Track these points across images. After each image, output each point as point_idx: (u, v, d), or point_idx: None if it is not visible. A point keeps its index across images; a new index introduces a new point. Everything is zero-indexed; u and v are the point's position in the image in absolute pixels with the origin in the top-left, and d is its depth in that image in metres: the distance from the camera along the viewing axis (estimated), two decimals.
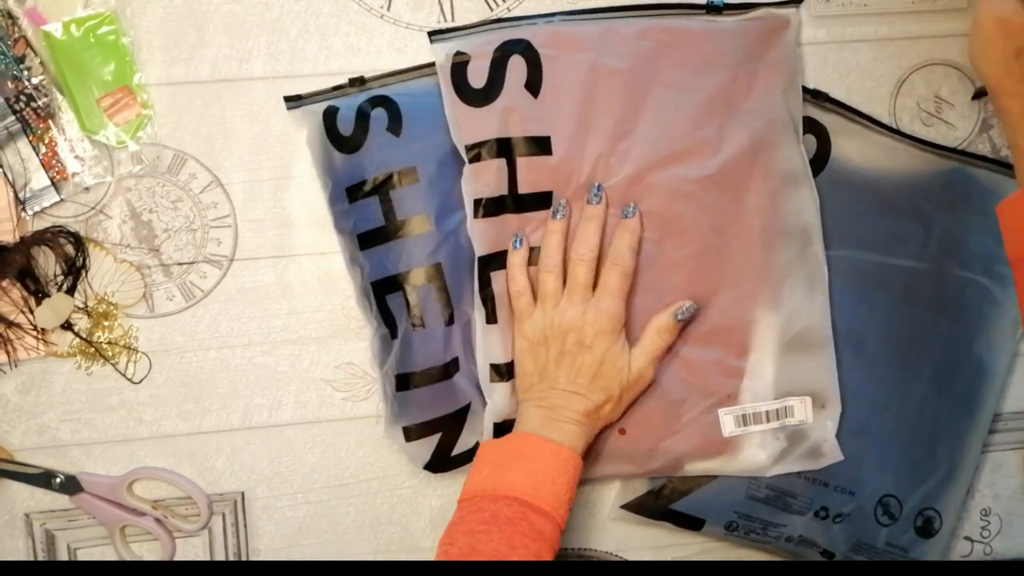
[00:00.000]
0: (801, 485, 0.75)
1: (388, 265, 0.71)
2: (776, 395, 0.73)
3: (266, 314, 0.76)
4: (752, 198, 0.72)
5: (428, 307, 0.71)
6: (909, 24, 0.78)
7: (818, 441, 0.74)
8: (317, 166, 0.73)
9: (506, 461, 0.67)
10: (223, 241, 0.75)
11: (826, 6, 0.77)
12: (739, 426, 0.73)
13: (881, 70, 0.78)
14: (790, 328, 0.73)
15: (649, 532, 0.80)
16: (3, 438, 0.74)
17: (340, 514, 0.78)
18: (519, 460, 0.67)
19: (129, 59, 0.72)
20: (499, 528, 0.64)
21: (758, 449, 0.74)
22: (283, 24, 0.74)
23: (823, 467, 0.74)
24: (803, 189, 0.73)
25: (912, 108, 0.79)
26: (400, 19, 0.74)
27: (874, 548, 0.77)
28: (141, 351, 0.75)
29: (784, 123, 0.72)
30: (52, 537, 0.75)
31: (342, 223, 0.73)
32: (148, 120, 0.73)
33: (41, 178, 0.72)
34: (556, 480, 0.66)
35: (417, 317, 0.71)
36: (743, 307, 0.73)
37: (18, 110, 0.71)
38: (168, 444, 0.76)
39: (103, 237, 0.74)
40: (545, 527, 0.65)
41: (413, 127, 0.71)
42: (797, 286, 0.73)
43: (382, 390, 0.75)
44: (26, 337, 0.73)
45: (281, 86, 0.74)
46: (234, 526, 0.77)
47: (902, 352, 0.75)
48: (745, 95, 0.72)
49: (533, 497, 0.65)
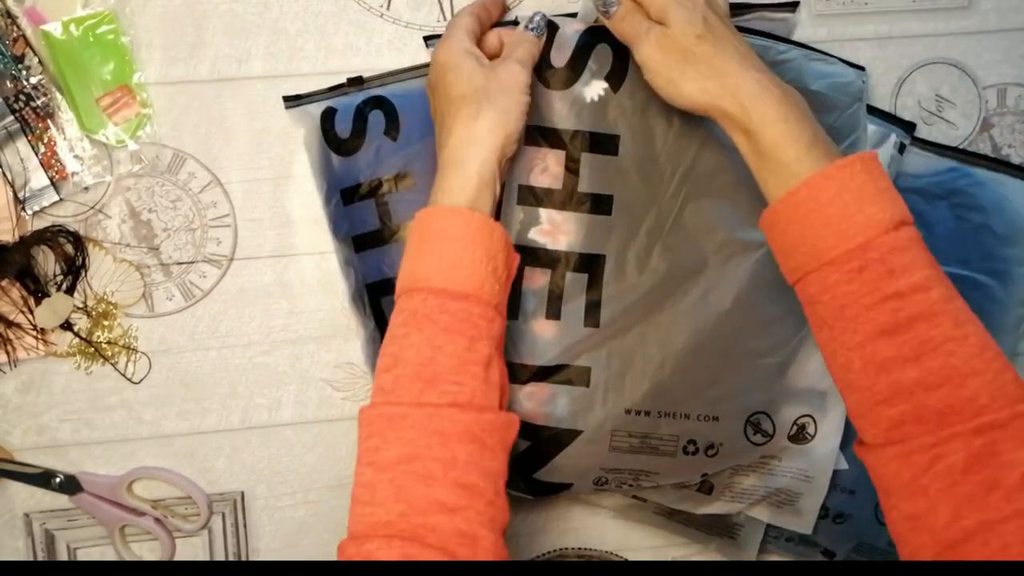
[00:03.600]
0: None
1: (384, 268, 0.71)
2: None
3: (266, 314, 0.75)
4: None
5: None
6: (910, 23, 0.78)
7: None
8: (313, 168, 0.73)
9: (416, 248, 0.60)
10: (222, 241, 0.75)
11: (827, 5, 0.77)
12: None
13: (882, 69, 0.78)
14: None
15: (649, 532, 0.80)
16: (3, 438, 0.74)
17: (340, 514, 0.77)
18: (428, 243, 0.59)
19: (128, 58, 0.72)
20: (418, 328, 0.57)
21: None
22: (282, 23, 0.74)
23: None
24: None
25: (913, 107, 0.78)
26: (400, 18, 0.74)
27: (876, 548, 0.77)
28: (141, 351, 0.75)
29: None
30: (52, 537, 0.75)
31: (337, 225, 0.73)
32: (147, 119, 0.73)
33: (40, 178, 0.72)
34: (472, 256, 0.58)
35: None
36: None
37: (17, 109, 0.71)
38: (168, 444, 0.76)
39: (102, 236, 0.74)
40: (472, 310, 0.58)
41: (410, 130, 0.71)
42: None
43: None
44: (26, 337, 0.73)
45: (280, 85, 0.74)
46: (234, 526, 0.77)
47: None
48: None
49: (448, 282, 0.58)
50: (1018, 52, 0.79)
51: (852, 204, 0.54)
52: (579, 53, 0.68)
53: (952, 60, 0.79)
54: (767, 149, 0.57)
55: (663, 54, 0.61)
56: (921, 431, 0.52)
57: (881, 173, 0.56)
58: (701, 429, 0.69)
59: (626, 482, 0.72)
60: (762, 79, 0.59)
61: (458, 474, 0.55)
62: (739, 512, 0.76)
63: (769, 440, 0.71)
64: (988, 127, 0.79)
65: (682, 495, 0.75)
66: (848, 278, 0.54)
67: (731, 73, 0.59)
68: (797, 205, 0.56)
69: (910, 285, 0.53)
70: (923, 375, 0.52)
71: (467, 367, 0.57)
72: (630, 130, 0.67)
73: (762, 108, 0.58)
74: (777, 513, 0.75)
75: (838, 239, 0.54)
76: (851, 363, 0.55)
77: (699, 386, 0.68)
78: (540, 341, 0.68)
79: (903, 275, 0.53)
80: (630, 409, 0.68)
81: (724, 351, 0.68)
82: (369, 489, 0.55)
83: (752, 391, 0.70)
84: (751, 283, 0.68)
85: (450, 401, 0.56)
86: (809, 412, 0.72)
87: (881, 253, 0.53)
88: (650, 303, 0.68)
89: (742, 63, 0.60)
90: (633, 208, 0.68)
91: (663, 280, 0.68)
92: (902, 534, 0.53)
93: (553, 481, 0.71)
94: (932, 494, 0.51)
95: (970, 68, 0.79)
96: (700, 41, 0.60)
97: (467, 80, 0.62)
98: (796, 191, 0.55)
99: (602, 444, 0.68)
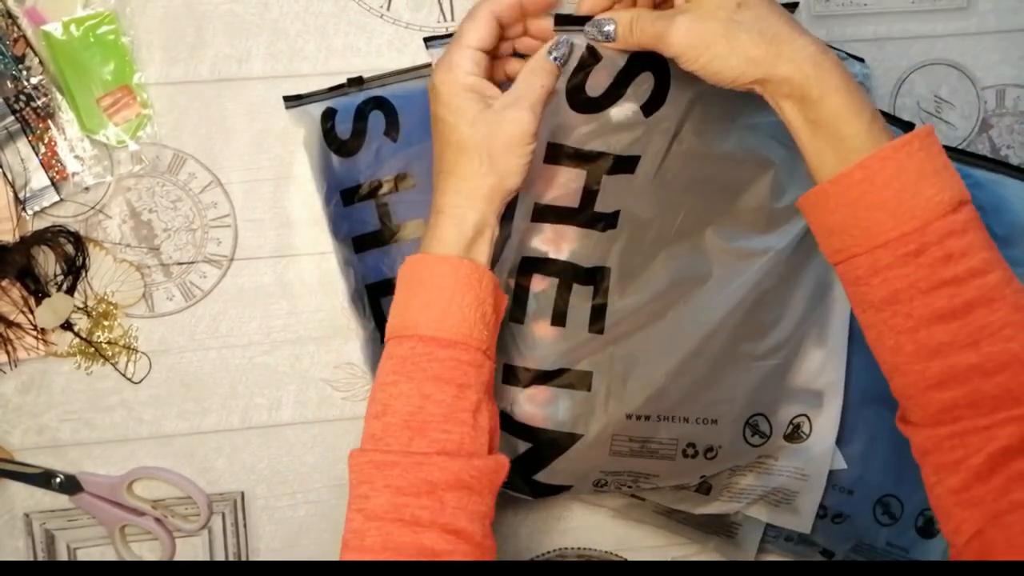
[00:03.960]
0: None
1: (383, 268, 0.71)
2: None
3: (266, 314, 0.76)
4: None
5: None
6: (909, 23, 0.78)
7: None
8: (313, 168, 0.73)
9: (406, 295, 0.60)
10: (223, 241, 0.75)
11: (826, 6, 0.77)
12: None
13: (881, 70, 0.78)
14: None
15: (649, 532, 0.80)
16: (3, 438, 0.74)
17: (340, 514, 0.76)
18: (417, 290, 0.59)
19: (129, 58, 0.72)
20: (407, 377, 0.57)
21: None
22: (282, 24, 0.74)
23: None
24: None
25: (912, 107, 0.79)
26: (400, 19, 0.74)
27: (875, 548, 0.77)
28: (141, 351, 0.75)
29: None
30: (52, 537, 0.75)
31: (337, 226, 0.73)
32: (148, 120, 0.73)
33: (41, 178, 0.72)
34: (461, 302, 0.58)
35: None
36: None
37: (17, 110, 0.71)
38: (168, 444, 0.76)
39: (103, 237, 0.74)
40: (461, 357, 0.57)
41: (410, 131, 0.71)
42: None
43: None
44: (26, 337, 0.73)
45: (280, 86, 0.74)
46: (234, 526, 0.77)
47: None
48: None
49: (437, 330, 0.57)
50: (1017, 53, 0.79)
51: (910, 186, 0.52)
52: (618, 81, 0.64)
53: (951, 61, 0.79)
54: (827, 119, 0.54)
55: (701, 33, 0.56)
56: (974, 414, 0.52)
57: (939, 150, 0.53)
58: (700, 432, 0.69)
59: (625, 483, 0.72)
60: (818, 44, 0.55)
61: (446, 520, 0.55)
62: (737, 512, 0.76)
63: (767, 441, 0.72)
64: (987, 128, 0.80)
65: (681, 495, 0.75)
66: (903, 261, 0.52)
67: (785, 38, 0.55)
68: (851, 186, 0.53)
69: (968, 270, 0.51)
70: (981, 361, 0.51)
71: (456, 415, 0.57)
72: (651, 151, 0.66)
73: (824, 75, 0.54)
74: (775, 512, 0.75)
75: (894, 222, 0.52)
76: (901, 347, 0.53)
77: (699, 390, 0.69)
78: (542, 345, 0.68)
79: (961, 259, 0.51)
80: (631, 414, 0.68)
81: (723, 355, 0.68)
82: (359, 536, 0.56)
83: (751, 394, 0.70)
84: (752, 289, 0.68)
85: (439, 449, 0.57)
86: (804, 411, 0.72)
87: (939, 236, 0.52)
88: (653, 310, 0.68)
89: (792, 27, 0.55)
90: (639, 220, 0.68)
91: (666, 288, 0.68)
92: (946, 507, 0.53)
93: (553, 483, 0.71)
94: (983, 472, 0.51)
95: (969, 69, 0.79)
96: (742, 8, 0.55)
97: (467, 129, 0.59)
98: (850, 172, 0.53)
99: (602, 448, 0.68)
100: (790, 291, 0.70)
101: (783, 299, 0.69)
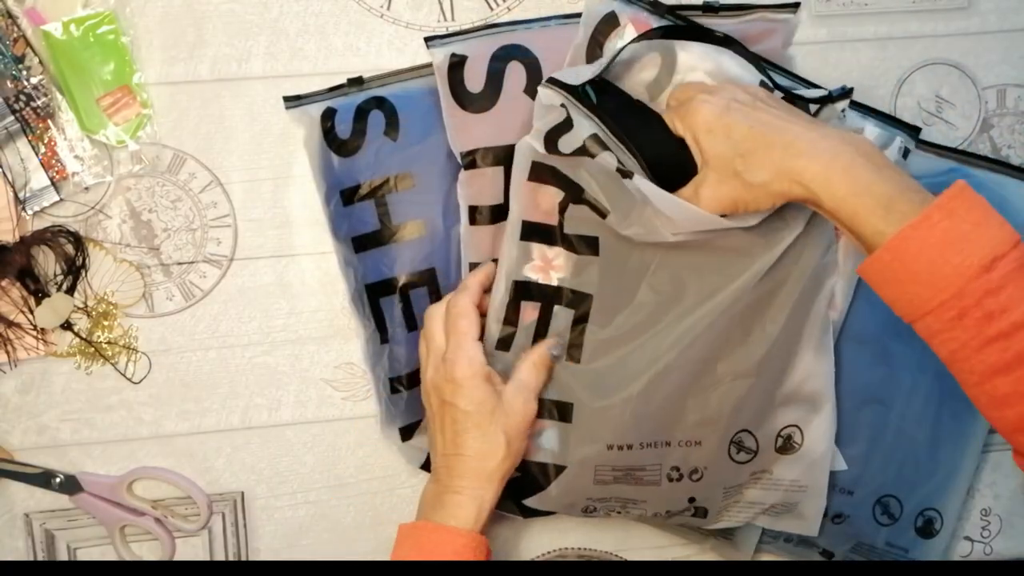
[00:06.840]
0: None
1: (383, 268, 0.71)
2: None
3: (266, 314, 0.76)
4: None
5: (421, 311, 0.70)
6: (910, 23, 0.78)
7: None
8: (314, 168, 0.73)
9: (407, 556, 0.65)
10: (223, 241, 0.75)
11: (827, 5, 0.77)
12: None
13: (882, 69, 0.78)
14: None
15: (649, 532, 0.80)
16: (3, 438, 0.74)
17: (340, 514, 0.78)
18: (419, 555, 0.65)
19: (128, 58, 0.72)
20: None
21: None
22: (282, 23, 0.74)
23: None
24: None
25: (913, 107, 0.78)
26: (400, 19, 0.74)
27: (874, 548, 0.77)
28: (141, 351, 0.75)
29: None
30: (52, 537, 0.75)
31: (337, 226, 0.73)
32: (147, 119, 0.73)
33: (41, 178, 0.72)
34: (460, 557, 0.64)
35: (410, 320, 0.71)
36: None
37: (17, 110, 0.71)
38: (168, 444, 0.76)
39: (103, 237, 0.74)
40: None
41: (410, 131, 0.71)
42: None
43: (376, 392, 0.75)
44: (26, 337, 0.73)
45: (280, 85, 0.73)
46: (234, 526, 0.77)
47: (904, 351, 0.75)
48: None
49: None
50: (1017, 53, 0.79)
51: (937, 258, 0.54)
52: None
53: (952, 61, 0.79)
54: (846, 222, 0.58)
55: (723, 200, 0.61)
56: None
57: (966, 211, 0.55)
58: (684, 455, 0.69)
59: (614, 509, 0.72)
60: (819, 145, 0.59)
61: None
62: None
63: (754, 456, 0.71)
64: (988, 128, 0.80)
65: (681, 520, 0.74)
66: (950, 326, 0.55)
67: (791, 165, 0.59)
68: (882, 268, 0.56)
69: (1011, 324, 0.53)
70: None
71: None
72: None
73: (830, 188, 0.58)
74: (778, 520, 0.75)
75: (931, 292, 0.54)
76: (978, 399, 0.57)
77: (680, 414, 0.68)
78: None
79: (1002, 316, 0.53)
80: (612, 444, 0.67)
81: (702, 375, 0.68)
82: None
83: (733, 411, 0.69)
84: (729, 311, 0.67)
85: None
86: (794, 422, 0.72)
87: (976, 299, 0.53)
88: (631, 337, 0.68)
89: (790, 148, 0.59)
90: (618, 250, 0.67)
91: (647, 316, 0.68)
92: None
93: (542, 509, 0.71)
94: None
95: (970, 69, 0.79)
96: (745, 158, 0.60)
97: (488, 418, 0.65)
98: (879, 256, 0.56)
99: (586, 479, 0.68)
100: (767, 306, 0.68)
101: (761, 315, 0.69)
